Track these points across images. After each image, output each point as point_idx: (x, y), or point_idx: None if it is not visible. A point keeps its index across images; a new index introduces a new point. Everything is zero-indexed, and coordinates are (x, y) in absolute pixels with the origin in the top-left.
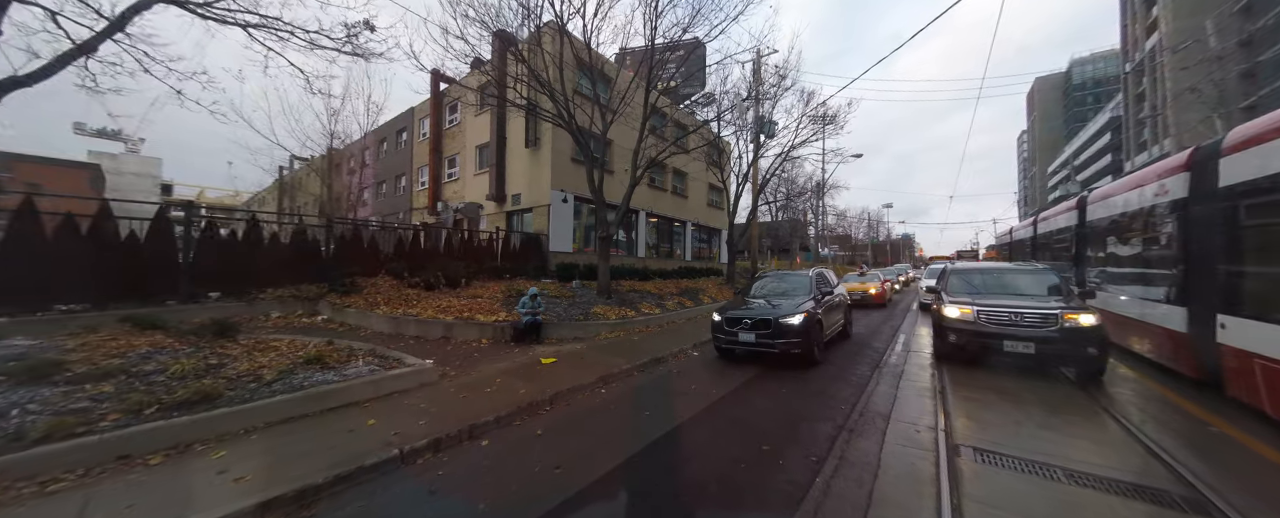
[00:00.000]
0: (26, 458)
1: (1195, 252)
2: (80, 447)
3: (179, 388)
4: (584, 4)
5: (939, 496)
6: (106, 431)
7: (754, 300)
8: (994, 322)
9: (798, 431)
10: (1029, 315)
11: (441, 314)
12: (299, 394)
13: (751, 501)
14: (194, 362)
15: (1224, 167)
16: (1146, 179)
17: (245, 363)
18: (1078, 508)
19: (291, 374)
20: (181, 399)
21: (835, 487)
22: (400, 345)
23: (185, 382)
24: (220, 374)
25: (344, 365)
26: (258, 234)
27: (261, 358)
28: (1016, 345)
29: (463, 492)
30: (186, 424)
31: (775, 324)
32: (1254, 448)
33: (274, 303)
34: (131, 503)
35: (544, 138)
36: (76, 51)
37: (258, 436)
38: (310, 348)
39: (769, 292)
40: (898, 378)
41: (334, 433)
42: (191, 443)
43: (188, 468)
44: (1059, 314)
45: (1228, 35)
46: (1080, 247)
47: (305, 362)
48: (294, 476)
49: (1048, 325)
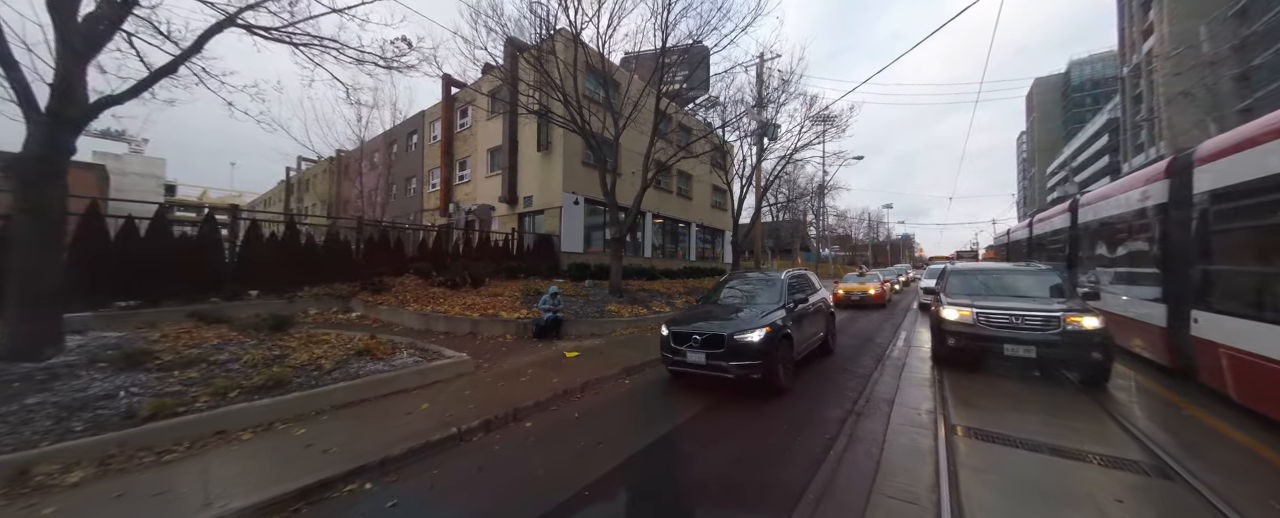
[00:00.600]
0: (140, 433)
1: (1173, 253)
2: (182, 424)
3: (254, 375)
4: (597, 13)
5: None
6: (201, 410)
7: (713, 308)
8: (994, 324)
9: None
10: (1030, 318)
11: (467, 312)
12: (357, 382)
13: (778, 467)
14: (261, 352)
15: (1197, 175)
16: (1131, 185)
17: (304, 354)
18: (1058, 474)
19: (346, 364)
20: (258, 384)
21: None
22: (432, 340)
23: (258, 369)
24: (285, 364)
25: (390, 357)
26: (295, 236)
27: (317, 350)
28: (1017, 349)
29: (518, 463)
30: (267, 406)
31: (729, 342)
32: (1217, 428)
33: (310, 301)
34: (242, 470)
35: (556, 142)
36: (161, 72)
37: (328, 417)
38: (357, 341)
39: (732, 298)
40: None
41: (395, 415)
42: (272, 423)
43: (277, 442)
44: (1061, 317)
45: (1222, 39)
46: (1073, 248)
47: (356, 353)
48: (372, 448)
49: (1049, 328)
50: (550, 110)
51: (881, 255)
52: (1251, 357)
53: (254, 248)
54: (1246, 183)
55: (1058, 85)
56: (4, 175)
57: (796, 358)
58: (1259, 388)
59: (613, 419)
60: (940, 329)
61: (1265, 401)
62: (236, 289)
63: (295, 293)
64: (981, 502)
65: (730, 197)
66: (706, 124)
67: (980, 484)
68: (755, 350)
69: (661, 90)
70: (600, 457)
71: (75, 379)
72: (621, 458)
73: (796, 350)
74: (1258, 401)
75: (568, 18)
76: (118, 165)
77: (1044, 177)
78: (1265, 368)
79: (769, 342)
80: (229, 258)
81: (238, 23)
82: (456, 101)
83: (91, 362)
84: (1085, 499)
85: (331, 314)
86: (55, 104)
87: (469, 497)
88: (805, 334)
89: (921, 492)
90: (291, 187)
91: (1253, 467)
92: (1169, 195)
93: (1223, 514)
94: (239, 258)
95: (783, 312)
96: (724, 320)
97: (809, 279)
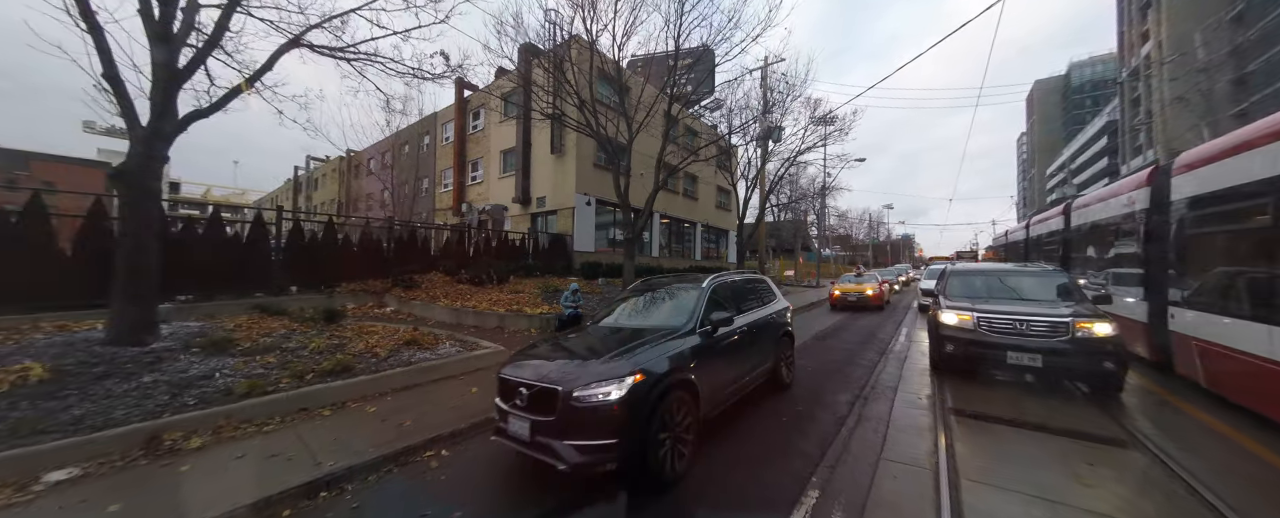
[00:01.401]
0: (241, 408)
1: (1153, 254)
2: (273, 401)
3: (323, 361)
4: (612, 20)
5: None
6: (285, 390)
7: (581, 337)
8: (996, 330)
9: None
10: (1036, 324)
11: (494, 307)
12: (411, 368)
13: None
14: (323, 341)
15: (1174, 184)
16: (1118, 191)
17: (360, 343)
18: (1041, 444)
19: (398, 353)
20: (328, 369)
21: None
22: (464, 333)
23: (325, 356)
24: (346, 352)
25: (435, 347)
26: (333, 235)
27: (370, 340)
28: (1021, 358)
29: None
30: (340, 387)
31: (565, 403)
32: (1185, 409)
33: (347, 296)
34: (334, 438)
35: (568, 145)
36: (239, 89)
37: (391, 398)
38: (403, 333)
39: (623, 319)
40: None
41: (450, 397)
42: (345, 402)
43: (355, 418)
44: (1070, 323)
45: (1218, 44)
46: (1066, 249)
47: (405, 343)
48: (440, 423)
49: (1057, 335)
50: (565, 114)
51: (882, 256)
52: (1216, 347)
53: (296, 247)
54: (1213, 192)
55: (1058, 87)
56: (112, 183)
57: (714, 412)
58: (1222, 375)
59: None
60: (938, 334)
61: (1227, 386)
62: (281, 285)
63: (333, 289)
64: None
65: (734, 198)
66: (713, 127)
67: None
68: (606, 420)
69: (673, 98)
70: None
71: (176, 362)
72: None
73: (716, 399)
74: (1221, 386)
75: (584, 26)
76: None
77: (1044, 178)
78: (1228, 357)
79: (633, 404)
80: (275, 256)
81: (302, 43)
82: (468, 105)
83: (185, 347)
84: (1059, 462)
85: (368, 308)
86: (155, 120)
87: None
88: (733, 372)
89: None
90: (299, 185)
91: (1206, 441)
92: (1150, 201)
93: (1182, 480)
94: (283, 256)
95: (686, 345)
96: (577, 362)
97: (761, 287)
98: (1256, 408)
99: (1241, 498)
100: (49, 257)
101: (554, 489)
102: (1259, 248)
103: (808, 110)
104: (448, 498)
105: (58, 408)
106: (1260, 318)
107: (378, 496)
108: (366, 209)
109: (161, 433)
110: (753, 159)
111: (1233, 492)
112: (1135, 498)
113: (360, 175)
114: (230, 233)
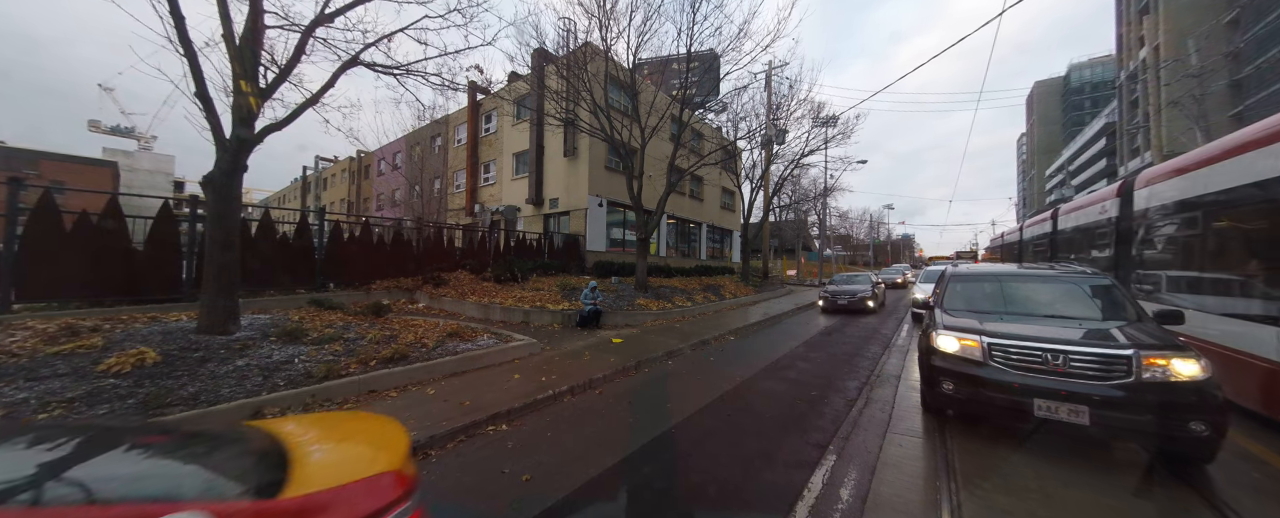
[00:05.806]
0: (323, 388)
1: (1122, 256)
2: (345, 384)
3: (382, 349)
4: (626, 28)
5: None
6: (355, 374)
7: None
8: (1015, 366)
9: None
10: (1078, 358)
11: (519, 303)
12: (457, 357)
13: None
14: (378, 333)
15: (1137, 196)
16: (1095, 200)
17: (409, 335)
18: None
19: (443, 343)
20: (388, 356)
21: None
22: (493, 327)
23: (382, 345)
24: (399, 342)
25: (474, 339)
26: (369, 235)
27: (417, 332)
28: (1057, 409)
29: (610, 414)
30: (401, 373)
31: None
32: None
33: (381, 293)
34: (405, 416)
35: (581, 148)
36: (309, 102)
37: (444, 382)
38: (444, 326)
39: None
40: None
41: (498, 381)
42: (407, 385)
43: (419, 399)
44: (1133, 358)
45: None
46: (1053, 250)
47: (448, 335)
48: (497, 402)
49: (1113, 375)
50: (578, 118)
51: (882, 255)
52: None
53: (336, 246)
54: (1161, 205)
55: (1057, 88)
56: (203, 188)
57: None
58: None
59: (673, 387)
60: (932, 365)
61: None
62: (322, 282)
63: (368, 286)
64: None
65: (739, 199)
66: (718, 130)
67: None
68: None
69: (684, 105)
70: (670, 411)
71: (259, 349)
72: (687, 414)
73: None
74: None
75: (599, 34)
76: (128, 162)
77: (1043, 179)
78: None
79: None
80: (317, 255)
81: (361, 61)
82: (481, 108)
83: (263, 337)
84: (1042, 439)
85: (402, 304)
86: (239, 131)
87: (579, 434)
88: None
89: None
90: (308, 185)
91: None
92: (1119, 210)
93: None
94: (325, 255)
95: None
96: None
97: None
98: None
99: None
100: (128, 254)
101: (614, 449)
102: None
103: (810, 114)
104: (517, 461)
105: (175, 386)
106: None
107: (458, 458)
108: (376, 209)
109: (263, 409)
110: (757, 161)
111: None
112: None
113: (370, 176)
114: (280, 234)
